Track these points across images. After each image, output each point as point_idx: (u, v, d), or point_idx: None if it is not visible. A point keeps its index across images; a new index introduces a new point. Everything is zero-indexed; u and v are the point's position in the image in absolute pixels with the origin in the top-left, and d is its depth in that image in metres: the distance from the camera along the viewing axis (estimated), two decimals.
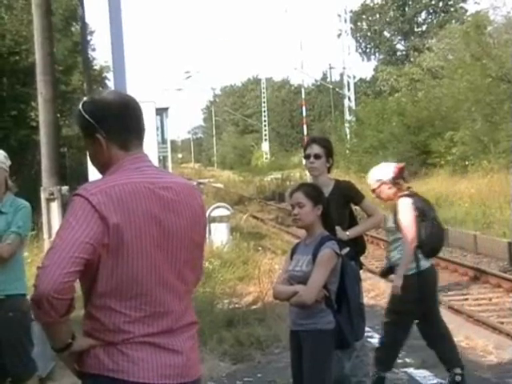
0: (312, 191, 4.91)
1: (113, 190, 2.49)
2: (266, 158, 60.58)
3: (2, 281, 5.04)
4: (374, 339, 8.53)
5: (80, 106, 2.70)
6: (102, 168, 2.68)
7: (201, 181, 51.72)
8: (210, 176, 60.71)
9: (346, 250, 5.29)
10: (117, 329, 2.51)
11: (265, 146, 64.09)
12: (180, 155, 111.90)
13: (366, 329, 8.81)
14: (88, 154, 2.73)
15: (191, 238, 2.68)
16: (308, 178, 38.11)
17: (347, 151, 38.41)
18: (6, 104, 18.16)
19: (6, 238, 5.04)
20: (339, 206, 5.52)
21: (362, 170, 33.22)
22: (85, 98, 2.76)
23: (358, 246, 5.81)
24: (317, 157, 5.68)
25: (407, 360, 7.58)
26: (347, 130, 41.04)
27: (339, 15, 47.54)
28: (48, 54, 12.78)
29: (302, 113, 52.27)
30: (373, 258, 17.04)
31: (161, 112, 15.84)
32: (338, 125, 44.76)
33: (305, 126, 50.81)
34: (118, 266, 2.48)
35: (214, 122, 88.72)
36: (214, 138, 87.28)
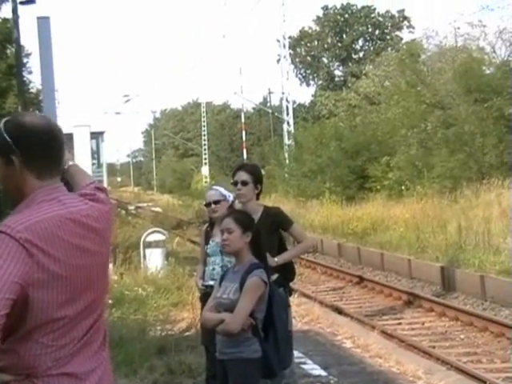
0: (242, 217, 4.93)
1: (38, 225, 2.42)
2: (206, 182, 60.48)
3: None
4: (307, 365, 8.56)
5: (1, 123, 2.57)
6: (13, 192, 2.58)
7: (139, 205, 51.33)
8: (149, 200, 60.27)
9: (274, 277, 5.28)
10: (36, 361, 2.44)
11: (205, 170, 63.96)
12: (119, 179, 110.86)
13: (299, 355, 8.87)
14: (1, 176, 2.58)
15: (106, 262, 2.69)
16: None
17: (286, 175, 38.61)
18: None
19: None
20: (268, 233, 5.53)
21: (300, 195, 33.46)
22: (7, 118, 2.60)
23: (287, 273, 5.80)
24: (244, 183, 5.78)
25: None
26: (286, 155, 41.27)
27: (278, 41, 48.04)
28: None
29: (241, 137, 52.47)
30: (309, 282, 17.13)
31: (96, 136, 15.67)
32: (276, 149, 44.98)
33: (244, 150, 50.97)
34: (46, 301, 2.42)
35: (153, 146, 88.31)
36: (154, 162, 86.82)
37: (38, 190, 2.52)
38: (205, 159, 65.18)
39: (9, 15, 29.22)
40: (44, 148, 2.53)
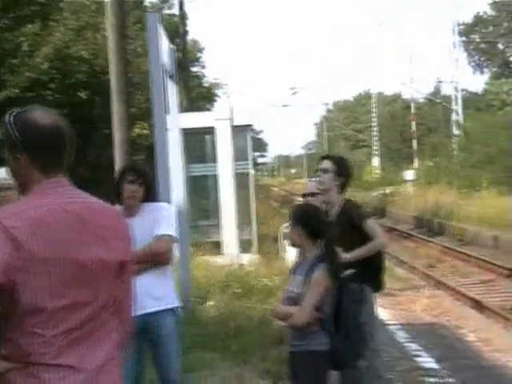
0: (295, 210, 5.08)
1: (26, 212, 2.51)
2: (376, 173, 59.99)
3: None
4: (422, 358, 8.44)
5: (9, 117, 2.63)
6: (21, 187, 2.71)
7: None
8: None
9: (348, 272, 5.32)
10: (30, 350, 2.50)
11: (375, 161, 63.48)
12: (293, 170, 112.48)
13: (418, 347, 8.78)
14: (9, 168, 2.73)
15: (113, 260, 2.66)
16: (410, 193, 37.03)
17: (453, 166, 37.56)
18: (98, 123, 18.54)
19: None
20: (345, 228, 5.55)
21: (466, 186, 32.38)
22: (15, 112, 2.68)
23: (367, 267, 5.72)
24: (325, 171, 5.81)
25: (450, 380, 7.50)
26: (454, 145, 40.11)
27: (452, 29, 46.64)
28: (122, 74, 13.22)
29: (411, 128, 51.58)
30: (459, 274, 16.67)
31: (243, 129, 15.95)
32: (444, 139, 43.76)
33: (414, 141, 50.05)
34: (33, 287, 2.50)
35: (325, 137, 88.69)
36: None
37: (43, 182, 2.61)
38: (375, 150, 64.61)
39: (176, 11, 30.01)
40: (49, 147, 2.62)
